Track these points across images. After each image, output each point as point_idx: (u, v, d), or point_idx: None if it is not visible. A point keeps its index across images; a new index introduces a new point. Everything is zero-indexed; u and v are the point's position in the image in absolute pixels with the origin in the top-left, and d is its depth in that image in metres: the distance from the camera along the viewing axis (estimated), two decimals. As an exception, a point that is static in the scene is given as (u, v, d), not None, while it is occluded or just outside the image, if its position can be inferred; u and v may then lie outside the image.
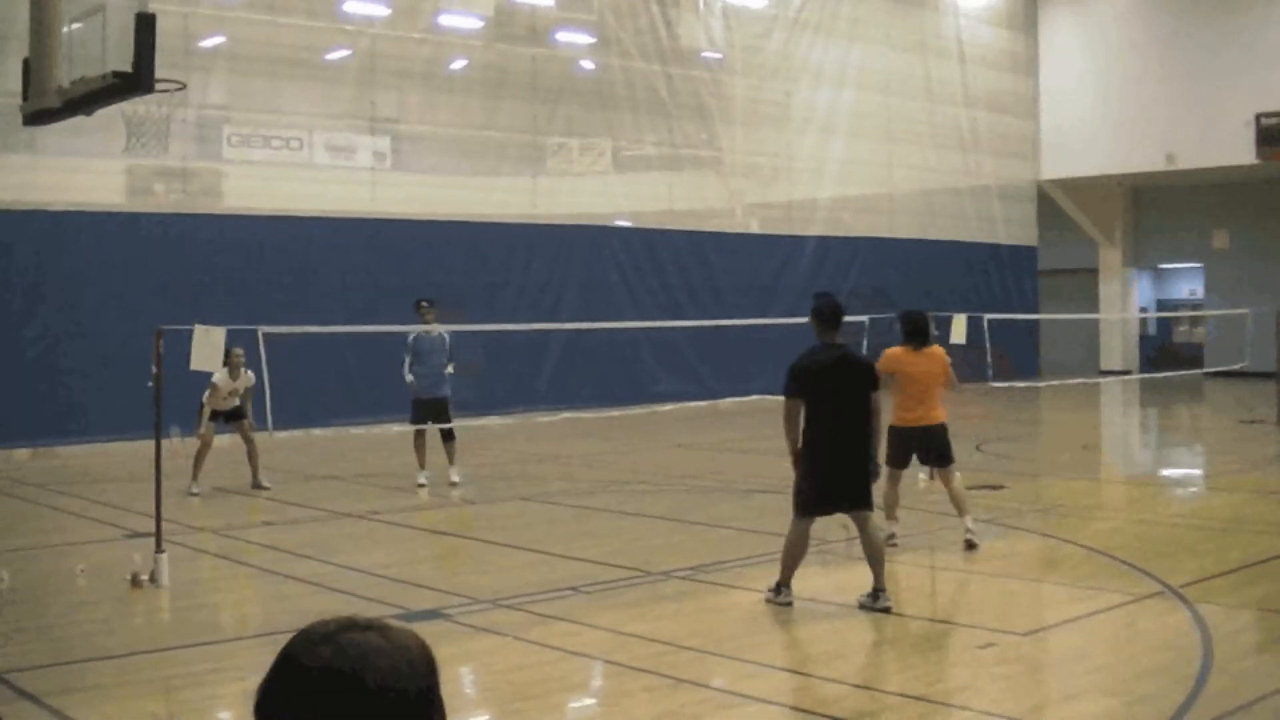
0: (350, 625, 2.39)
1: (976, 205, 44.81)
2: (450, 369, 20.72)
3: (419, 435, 20.78)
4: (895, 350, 15.03)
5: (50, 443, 25.42)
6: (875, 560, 11.94)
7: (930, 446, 15.14)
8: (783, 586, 11.95)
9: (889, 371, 14.63)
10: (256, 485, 20.22)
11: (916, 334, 15.04)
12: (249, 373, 19.75)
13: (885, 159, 41.38)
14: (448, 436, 20.81)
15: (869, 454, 12.05)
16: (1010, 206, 46.34)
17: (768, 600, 11.95)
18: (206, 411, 19.74)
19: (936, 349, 15.25)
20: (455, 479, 20.68)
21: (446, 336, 20.91)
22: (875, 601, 11.79)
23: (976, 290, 42.17)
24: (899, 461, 15.05)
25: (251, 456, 20.29)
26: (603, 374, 33.03)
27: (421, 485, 20.63)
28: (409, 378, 20.53)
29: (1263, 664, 10.26)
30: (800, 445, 11.90)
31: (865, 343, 23.26)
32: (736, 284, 36.66)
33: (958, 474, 15.20)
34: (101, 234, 26.51)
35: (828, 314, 12.15)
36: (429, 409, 20.65)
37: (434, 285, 27.63)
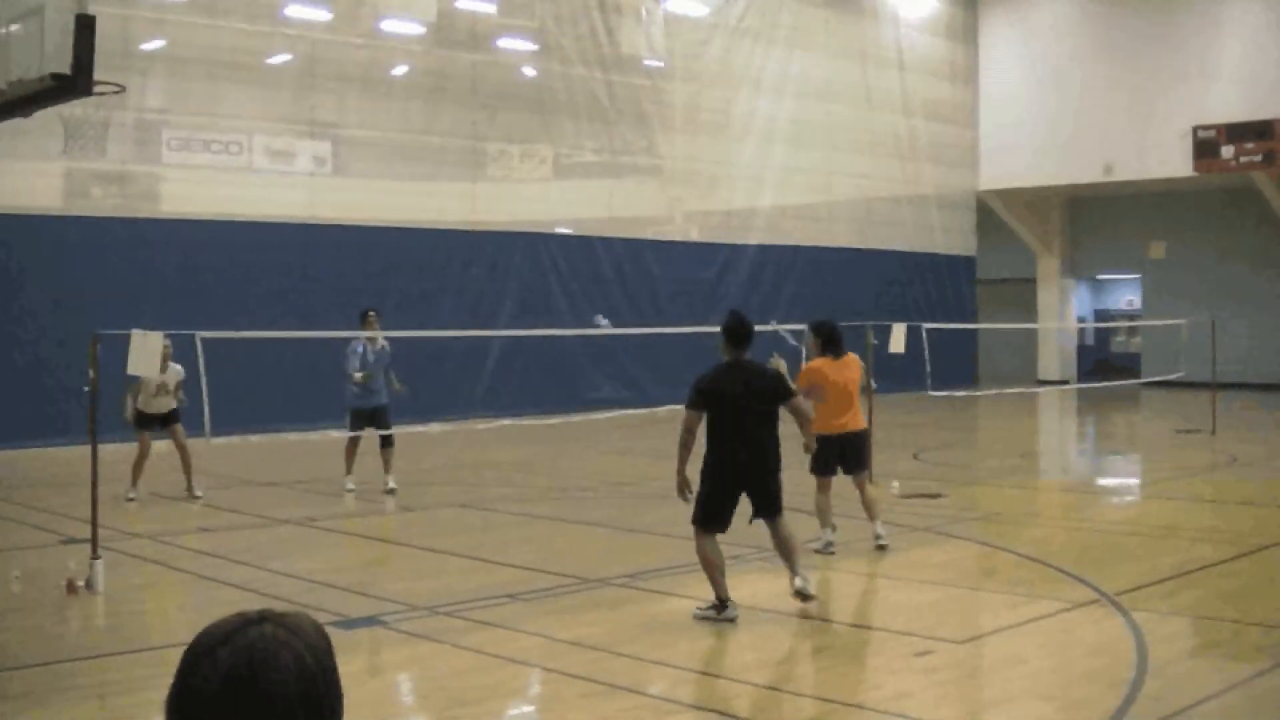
0: (244, 622, 2.40)
1: (916, 214, 44.99)
2: (397, 384, 20.75)
3: (353, 442, 20.75)
4: (816, 362, 15.15)
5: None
6: (788, 555, 12.14)
7: (851, 453, 15.27)
8: (726, 602, 11.81)
9: (813, 384, 14.89)
10: (190, 494, 20.08)
11: (833, 343, 15.19)
12: (176, 366, 19.55)
13: (825, 167, 41.49)
14: (386, 443, 20.75)
15: (777, 465, 12.19)
16: (949, 216, 46.55)
17: (708, 618, 11.78)
18: (128, 403, 19.48)
19: (852, 356, 15.42)
20: (391, 486, 20.62)
21: (388, 346, 20.90)
22: (796, 585, 11.96)
23: (915, 299, 42.37)
24: (826, 470, 15.14)
25: (185, 465, 20.13)
26: (541, 381, 33.05)
27: (350, 490, 20.63)
28: (357, 376, 20.51)
29: (1197, 669, 10.33)
30: (705, 461, 12.00)
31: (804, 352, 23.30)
32: (676, 291, 36.71)
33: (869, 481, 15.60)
34: (38, 237, 26.33)
35: (737, 332, 12.29)
36: (367, 417, 20.64)
37: (373, 291, 27.59)
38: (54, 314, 25.70)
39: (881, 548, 15.06)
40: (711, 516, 12.03)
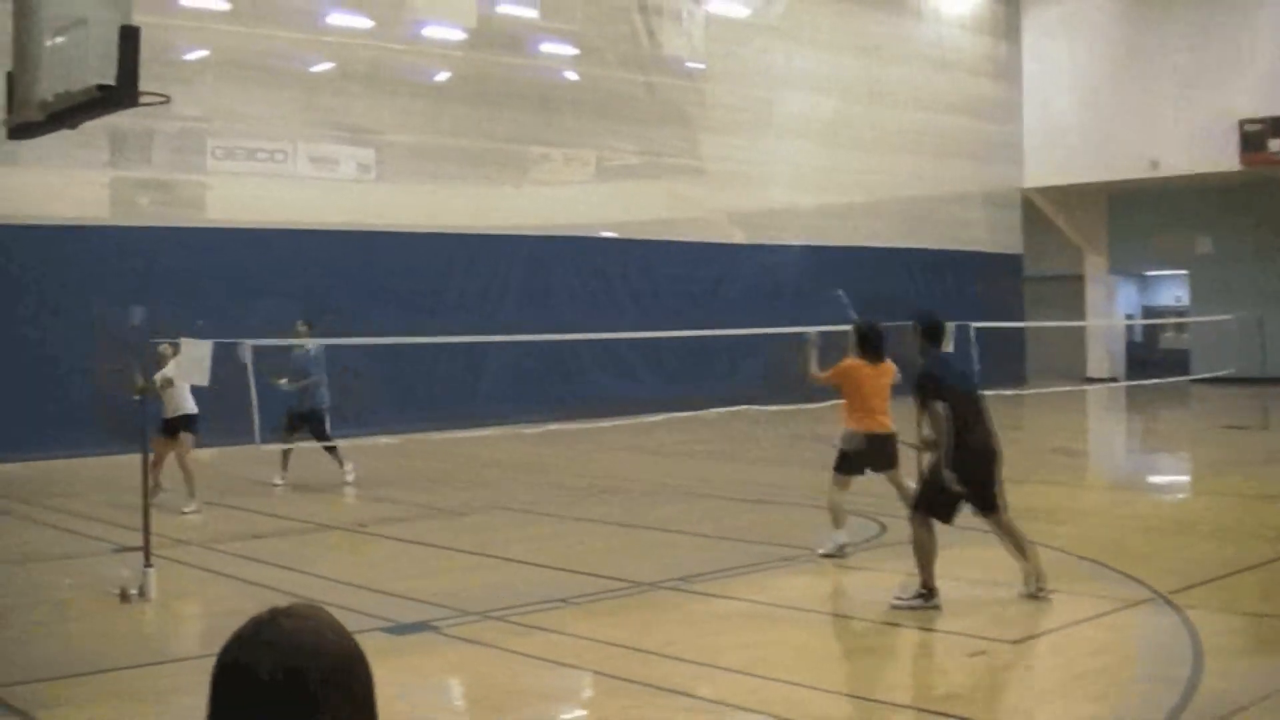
0: (258, 626, 2.46)
1: (960, 212, 44.80)
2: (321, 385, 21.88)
3: (290, 443, 22.01)
4: (855, 362, 15.15)
5: (38, 456, 25.32)
6: (1018, 550, 12.35)
7: (882, 454, 15.23)
8: (933, 591, 11.82)
9: (844, 380, 15.06)
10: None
11: (871, 346, 15.22)
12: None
13: (867, 166, 41.32)
14: (328, 449, 22.09)
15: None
16: (994, 214, 46.36)
17: (907, 608, 11.77)
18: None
19: (889, 363, 15.39)
20: (349, 477, 21.78)
21: (311, 350, 21.88)
22: (1028, 587, 12.17)
23: (961, 298, 42.16)
24: (853, 469, 15.17)
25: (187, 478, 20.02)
26: (588, 382, 33.02)
27: (277, 484, 21.58)
28: (282, 383, 21.45)
29: (1252, 668, 10.26)
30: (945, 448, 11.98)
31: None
32: (720, 291, 36.59)
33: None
34: (86, 247, 26.47)
35: (937, 329, 12.73)
36: (306, 419, 21.86)
37: (419, 295, 27.70)
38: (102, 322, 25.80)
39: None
40: (941, 504, 12.13)
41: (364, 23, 32.07)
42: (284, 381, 21.33)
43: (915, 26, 43.98)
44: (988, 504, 12.20)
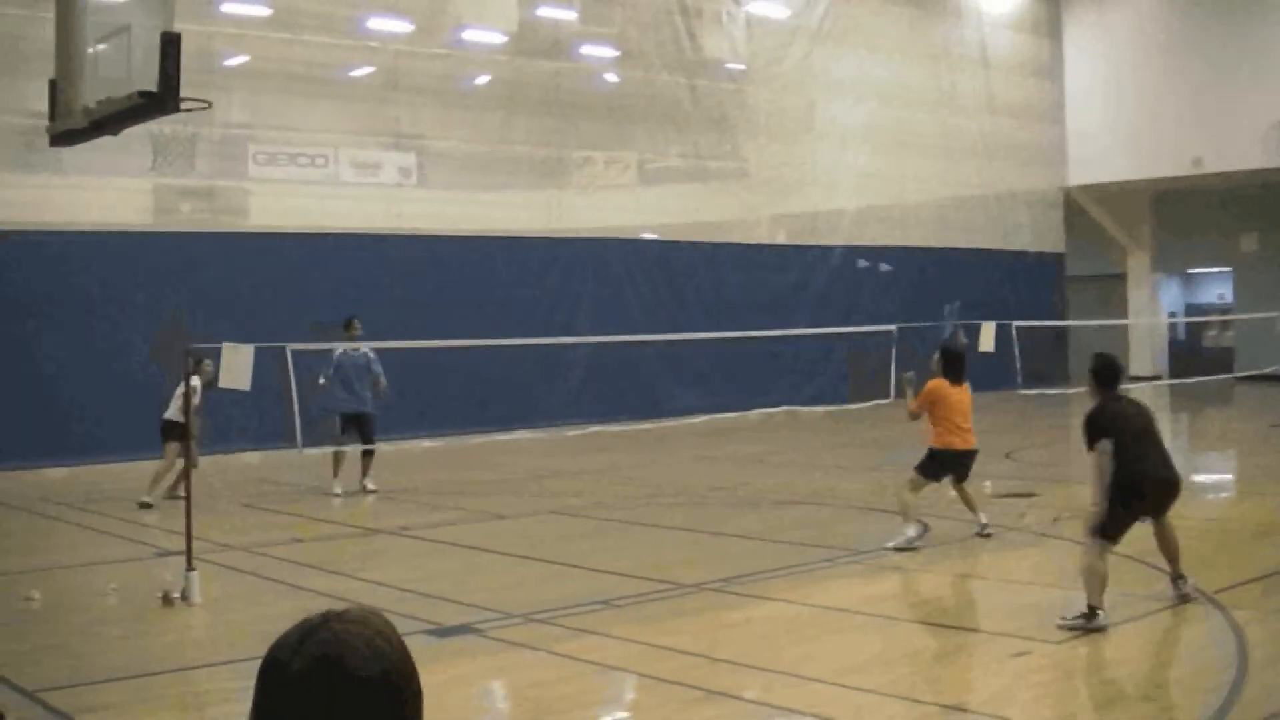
0: (309, 629, 2.46)
1: (1002, 213, 44.69)
2: (382, 384, 21.69)
3: (341, 447, 21.69)
4: (940, 382, 16.00)
5: (81, 461, 25.42)
6: (1171, 554, 12.35)
7: (964, 468, 16.12)
8: (1097, 610, 11.48)
9: (933, 401, 15.90)
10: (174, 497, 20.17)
11: (954, 368, 16.16)
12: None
13: (909, 168, 41.21)
14: (367, 453, 21.86)
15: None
16: (1036, 213, 46.22)
17: (1073, 627, 11.41)
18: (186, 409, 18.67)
19: (966, 386, 16.25)
20: (370, 486, 21.59)
21: (371, 354, 21.75)
22: (1181, 587, 12.18)
23: (1004, 298, 41.98)
24: (934, 477, 16.02)
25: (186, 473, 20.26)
26: (626, 387, 33.01)
27: (336, 494, 21.27)
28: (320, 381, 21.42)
29: (1299, 669, 10.20)
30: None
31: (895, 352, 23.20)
32: (763, 295, 36.57)
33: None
34: (128, 253, 26.60)
35: (1106, 373, 12.84)
36: (354, 422, 21.64)
37: (461, 300, 27.75)
38: (145, 329, 25.91)
39: (987, 535, 15.76)
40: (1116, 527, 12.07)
41: (405, 28, 32.13)
42: (322, 381, 21.33)
43: (956, 28, 43.87)
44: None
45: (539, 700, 9.84)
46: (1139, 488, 11.88)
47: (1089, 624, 11.33)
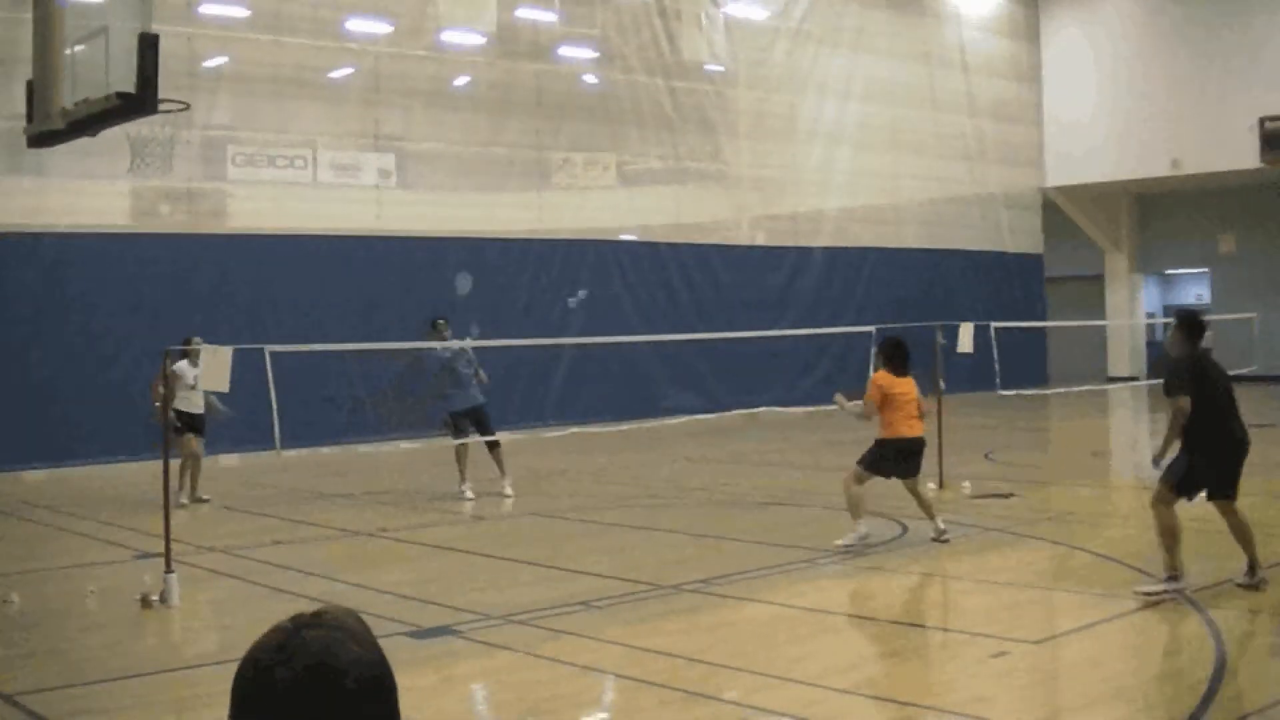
0: (286, 636, 2.45)
1: (982, 214, 44.81)
2: (483, 376, 20.98)
3: (464, 446, 20.98)
4: (884, 374, 15.73)
5: (60, 464, 25.41)
6: (1245, 540, 12.68)
7: (914, 458, 15.77)
8: (1178, 574, 12.10)
9: (885, 393, 15.55)
10: (197, 498, 20.37)
11: (895, 361, 15.80)
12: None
13: (890, 169, 41.35)
14: (493, 446, 21.03)
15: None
16: (1016, 214, 46.35)
17: (1154, 595, 11.97)
18: (164, 407, 18.61)
19: (909, 379, 15.89)
20: (508, 491, 20.98)
21: (469, 349, 21.10)
22: (1252, 577, 12.49)
23: (983, 299, 42.05)
24: (879, 470, 15.65)
25: (196, 471, 20.46)
26: (610, 388, 33.01)
27: (469, 499, 20.74)
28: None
29: (1276, 668, 10.23)
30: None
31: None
32: (744, 297, 36.64)
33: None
34: (107, 255, 26.55)
35: (1197, 324, 13.38)
36: (469, 417, 20.95)
37: (441, 302, 27.69)
38: (124, 331, 25.87)
39: (945, 541, 15.47)
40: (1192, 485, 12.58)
41: (384, 29, 32.11)
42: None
43: (936, 29, 43.98)
44: (1228, 491, 12.78)
45: (518, 702, 9.83)
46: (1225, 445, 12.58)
47: (1173, 586, 11.78)
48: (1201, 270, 49.46)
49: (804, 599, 12.77)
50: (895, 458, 15.54)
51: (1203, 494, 12.80)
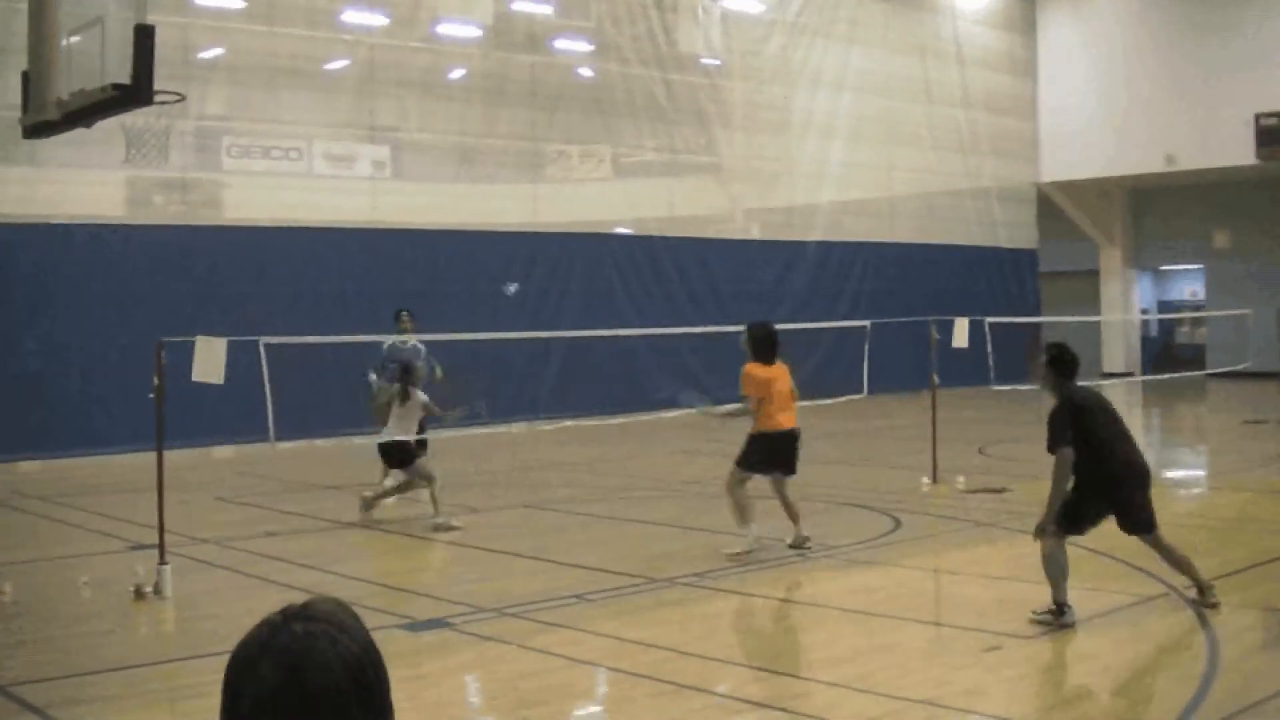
0: (273, 629, 2.46)
1: (977, 208, 44.72)
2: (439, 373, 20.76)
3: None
4: (753, 365, 15.18)
5: (53, 455, 25.38)
6: (1181, 566, 11.82)
7: (786, 454, 15.22)
8: (1065, 606, 11.27)
9: (751, 386, 15.05)
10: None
11: (763, 349, 15.22)
12: None
13: (885, 162, 41.30)
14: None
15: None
16: (1010, 209, 46.26)
17: (1043, 623, 11.24)
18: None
19: (781, 366, 15.33)
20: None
21: (421, 347, 20.90)
22: (1204, 598, 11.58)
23: (978, 293, 42.01)
24: (755, 467, 15.15)
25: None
26: (604, 381, 32.97)
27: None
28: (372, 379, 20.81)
29: (1269, 663, 10.25)
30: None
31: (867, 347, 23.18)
32: (738, 290, 36.58)
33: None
34: (102, 246, 26.51)
35: (1067, 360, 12.06)
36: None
37: (435, 294, 27.71)
38: (119, 321, 25.83)
39: (808, 548, 14.97)
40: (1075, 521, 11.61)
41: (380, 20, 32.04)
42: (372, 378, 20.99)
43: (932, 22, 43.90)
44: (1141, 525, 11.70)
45: (511, 694, 9.84)
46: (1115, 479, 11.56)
47: (1056, 620, 11.26)
48: (1196, 266, 49.45)
49: (796, 592, 12.80)
50: (773, 451, 15.06)
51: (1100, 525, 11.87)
